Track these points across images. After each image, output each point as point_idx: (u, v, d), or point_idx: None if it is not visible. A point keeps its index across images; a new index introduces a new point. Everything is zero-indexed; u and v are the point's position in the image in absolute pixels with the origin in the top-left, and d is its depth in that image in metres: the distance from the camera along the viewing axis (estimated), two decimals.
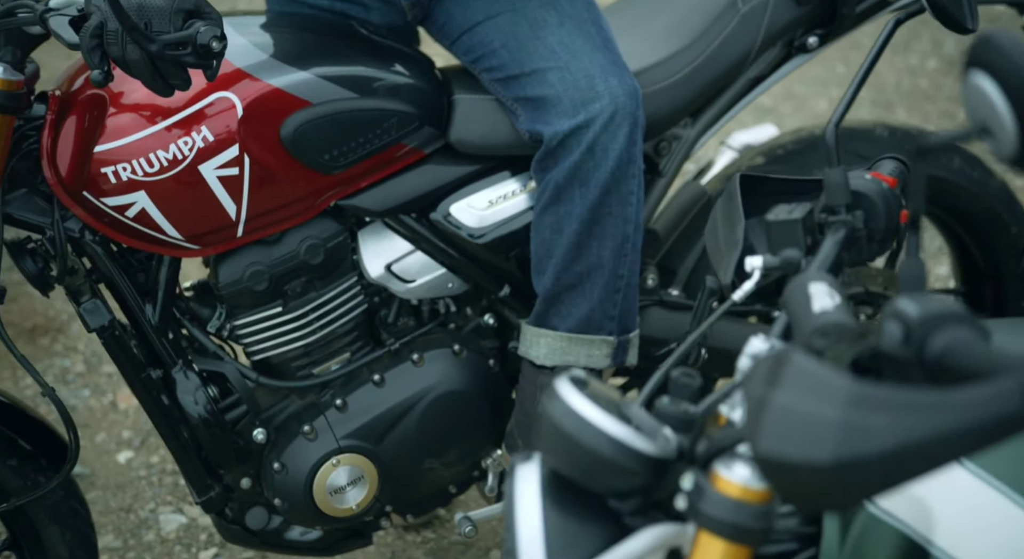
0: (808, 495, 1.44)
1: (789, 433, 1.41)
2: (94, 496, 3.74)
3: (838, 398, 1.39)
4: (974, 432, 1.37)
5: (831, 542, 1.77)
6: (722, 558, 1.62)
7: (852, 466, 1.39)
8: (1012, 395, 1.35)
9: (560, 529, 1.71)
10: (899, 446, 1.38)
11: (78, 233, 2.74)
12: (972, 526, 1.74)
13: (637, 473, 1.67)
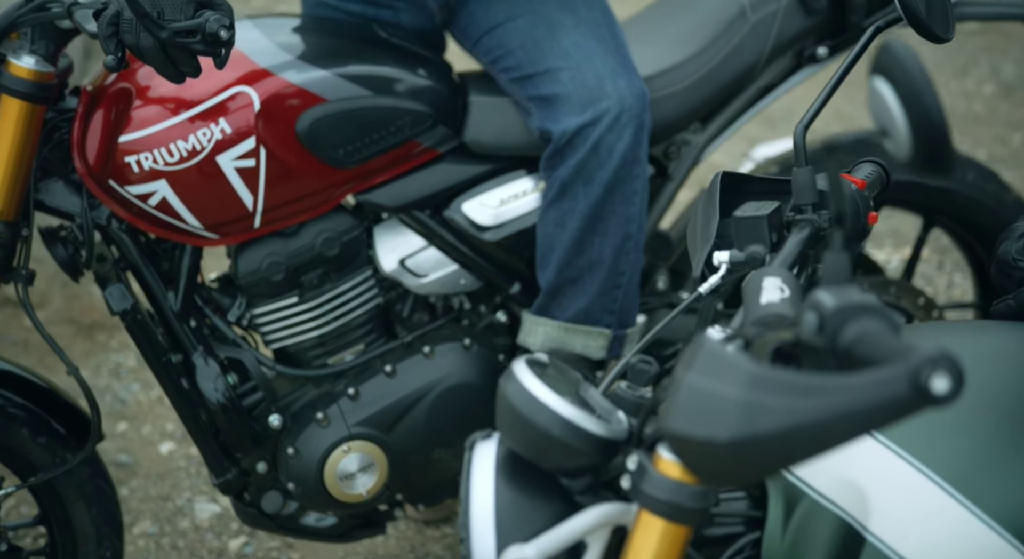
0: (711, 469, 1.50)
1: (695, 412, 1.47)
2: (136, 484, 3.84)
3: (741, 380, 1.45)
4: (862, 414, 1.42)
5: (774, 526, 1.82)
6: (661, 537, 1.67)
7: (749, 443, 1.44)
8: (899, 380, 1.39)
9: (511, 504, 1.78)
10: (793, 426, 1.43)
11: (105, 221, 2.84)
12: (905, 513, 1.78)
13: (586, 453, 1.74)
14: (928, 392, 1.37)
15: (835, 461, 1.76)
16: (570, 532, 1.74)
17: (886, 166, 2.13)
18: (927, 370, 1.37)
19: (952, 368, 1.36)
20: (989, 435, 1.81)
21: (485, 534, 1.77)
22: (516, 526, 1.76)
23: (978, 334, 2.06)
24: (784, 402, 1.43)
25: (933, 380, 1.37)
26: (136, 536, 3.66)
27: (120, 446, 3.97)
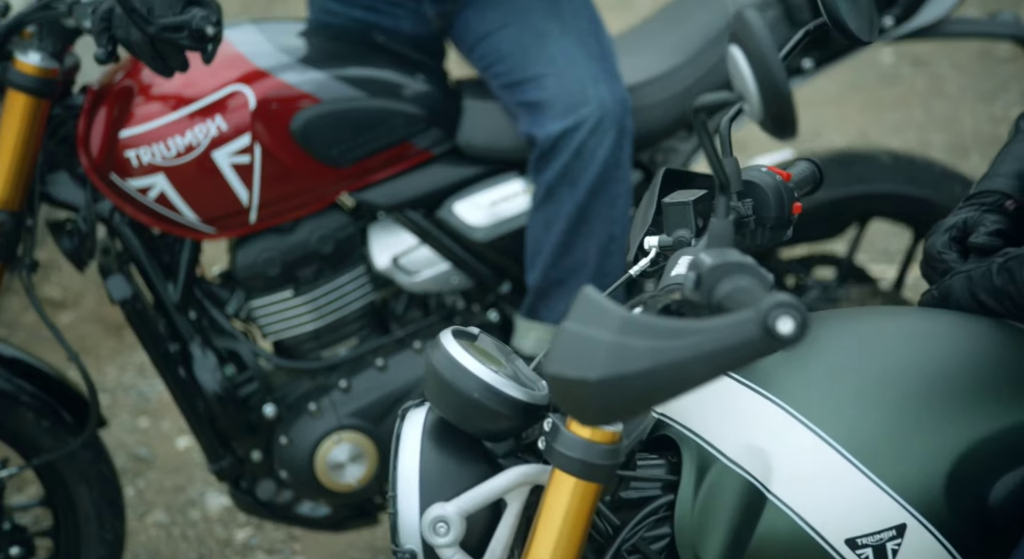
0: (584, 408, 1.58)
1: (570, 354, 1.55)
2: (152, 476, 3.93)
3: (610, 325, 1.53)
4: (718, 354, 1.51)
5: (687, 488, 1.88)
6: (572, 493, 1.76)
7: (617, 382, 1.52)
8: (750, 323, 1.49)
9: (436, 466, 1.85)
10: (656, 365, 1.51)
11: (108, 214, 2.93)
12: (806, 477, 1.85)
13: (506, 416, 1.82)
14: (776, 333, 1.47)
15: (747, 430, 1.87)
16: (489, 491, 1.82)
17: (820, 165, 2.20)
18: (775, 314, 1.46)
19: (797, 313, 1.46)
20: (893, 411, 1.88)
21: (410, 494, 1.84)
22: (439, 486, 1.83)
23: (895, 318, 2.12)
24: (648, 344, 1.52)
25: (780, 323, 1.46)
26: (148, 525, 3.75)
27: (140, 440, 4.06)
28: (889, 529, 1.82)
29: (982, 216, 2.16)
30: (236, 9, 6.20)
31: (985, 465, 1.85)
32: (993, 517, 1.86)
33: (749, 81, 1.61)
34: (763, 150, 4.69)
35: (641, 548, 1.91)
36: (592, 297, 1.57)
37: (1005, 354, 1.98)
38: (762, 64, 1.61)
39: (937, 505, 1.83)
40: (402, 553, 1.84)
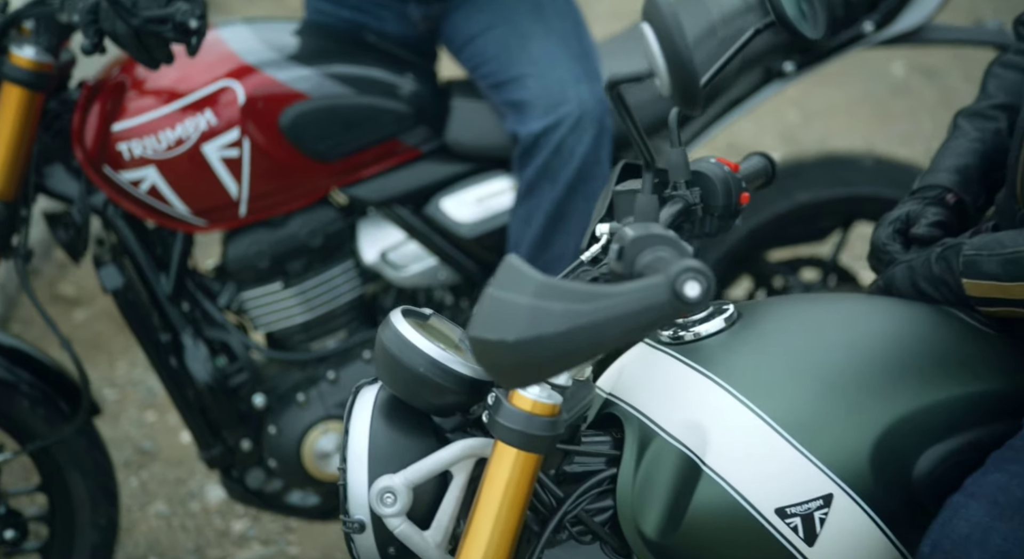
0: (503, 369, 1.63)
1: (491, 317, 1.61)
2: (156, 468, 3.98)
3: (529, 289, 1.59)
4: (630, 316, 1.56)
5: (629, 462, 1.94)
6: (514, 464, 1.80)
7: (534, 343, 1.58)
8: (660, 288, 1.55)
9: (385, 440, 1.90)
10: (571, 327, 1.57)
11: (102, 206, 2.99)
12: (740, 452, 1.91)
13: (452, 391, 1.87)
14: (683, 297, 1.54)
15: (687, 407, 1.93)
16: (435, 463, 1.86)
17: (772, 159, 2.25)
18: (683, 278, 1.53)
19: (702, 278, 1.53)
20: (824, 388, 1.94)
21: (359, 466, 1.89)
22: (388, 459, 1.88)
23: (835, 303, 2.19)
24: (564, 307, 1.57)
25: (687, 287, 1.53)
26: (150, 515, 3.80)
27: (146, 433, 4.12)
28: (816, 499, 1.88)
29: (924, 209, 2.23)
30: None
31: (909, 440, 1.91)
32: (918, 490, 1.92)
33: (658, 57, 1.67)
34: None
35: (584, 519, 1.95)
36: (514, 264, 1.62)
37: (934, 337, 2.05)
38: (669, 41, 1.67)
39: (863, 477, 1.88)
40: (351, 523, 1.89)
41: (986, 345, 2.06)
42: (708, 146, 3.61)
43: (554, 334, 1.58)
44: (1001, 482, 1.86)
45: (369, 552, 1.92)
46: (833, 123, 5.90)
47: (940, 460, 1.93)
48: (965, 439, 1.95)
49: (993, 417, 1.97)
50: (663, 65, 1.68)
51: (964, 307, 2.09)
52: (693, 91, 1.68)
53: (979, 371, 2.02)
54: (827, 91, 6.09)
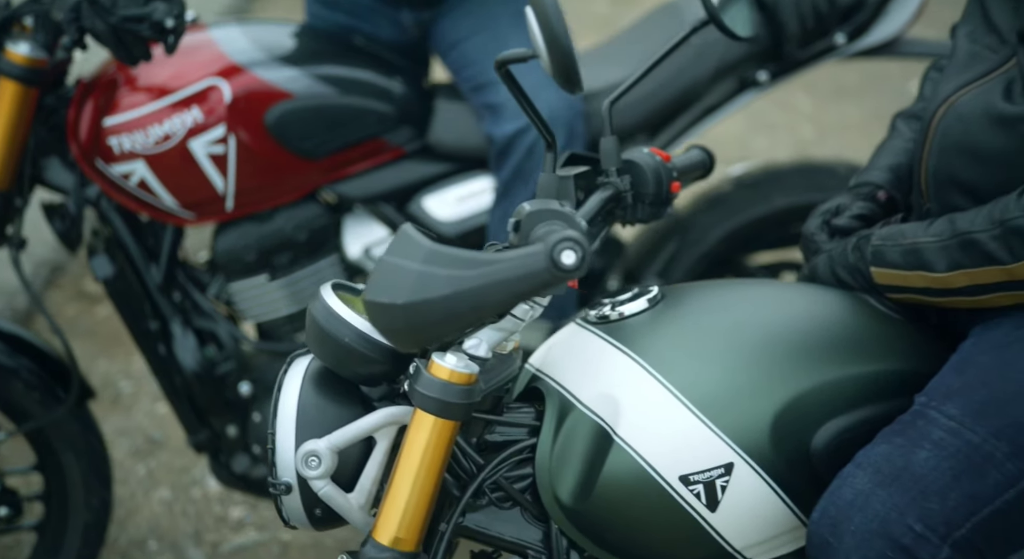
0: (395, 331, 1.70)
1: (383, 282, 1.69)
2: (163, 457, 4.07)
3: (418, 256, 1.67)
4: (510, 282, 1.64)
5: (548, 432, 2.01)
6: (431, 430, 1.87)
7: (420, 306, 1.65)
8: (539, 256, 1.62)
9: (312, 407, 1.97)
10: (455, 292, 1.64)
11: (96, 199, 3.07)
12: (649, 423, 1.99)
13: (377, 361, 1.94)
14: (560, 264, 1.62)
15: (603, 381, 2.01)
16: (359, 429, 1.93)
17: (710, 153, 2.32)
18: (560, 247, 1.60)
19: (578, 248, 1.60)
20: (731, 365, 2.02)
21: (287, 431, 1.95)
22: (315, 425, 1.95)
23: (751, 288, 2.27)
24: (449, 273, 1.66)
25: (563, 255, 1.60)
26: (154, 501, 3.88)
27: (156, 424, 4.20)
28: (718, 467, 1.95)
29: (853, 202, 2.29)
30: None
31: (808, 414, 1.99)
32: (816, 462, 1.99)
33: (539, 39, 1.74)
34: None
35: (503, 485, 2.02)
36: (407, 232, 1.69)
37: (839, 320, 2.13)
38: (547, 26, 1.75)
39: (763, 448, 1.96)
40: (278, 485, 1.96)
41: (889, 329, 2.14)
42: (721, 161, 3.67)
43: (439, 298, 1.66)
44: (885, 453, 1.94)
45: (297, 513, 1.98)
46: (848, 138, 5.93)
47: (837, 434, 2.00)
48: (862, 415, 2.04)
49: (890, 395, 2.05)
50: (544, 47, 1.75)
51: (875, 294, 2.16)
52: (571, 71, 1.75)
53: (880, 352, 2.09)
54: (842, 107, 6.14)
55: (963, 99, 2.09)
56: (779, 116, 6.07)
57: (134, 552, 3.70)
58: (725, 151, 5.43)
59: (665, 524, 1.98)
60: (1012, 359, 2.00)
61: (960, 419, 1.94)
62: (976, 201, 2.06)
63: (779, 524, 2.01)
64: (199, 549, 3.71)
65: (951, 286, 2.04)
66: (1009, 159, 2.02)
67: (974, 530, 1.91)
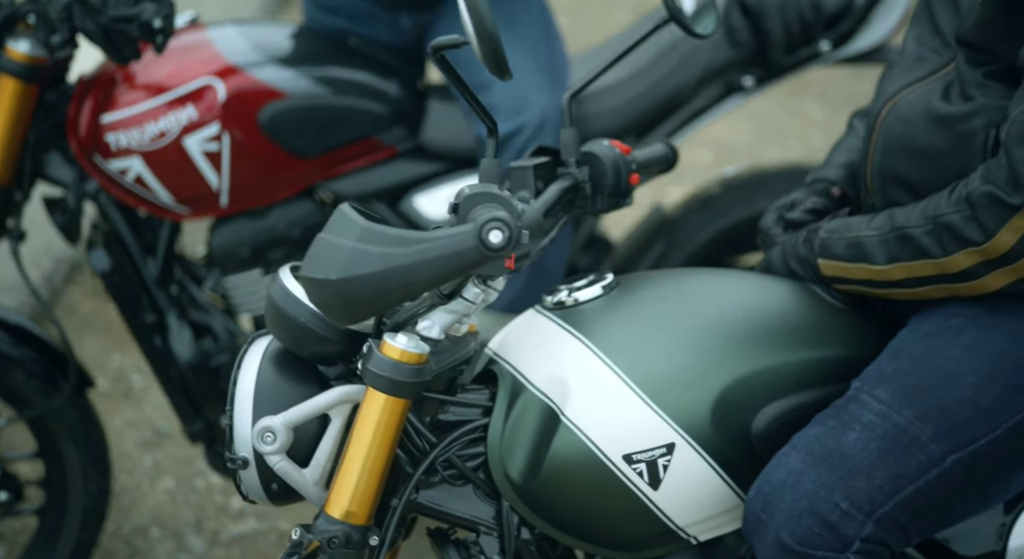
0: (329, 305, 1.77)
1: (319, 258, 1.73)
2: (170, 449, 4.12)
3: (352, 234, 1.71)
4: (440, 260, 1.69)
5: (500, 413, 2.07)
6: (382, 408, 1.92)
7: (353, 282, 1.70)
8: (467, 235, 1.68)
9: (271, 384, 2.02)
10: (386, 268, 1.69)
11: (95, 193, 3.13)
12: (595, 403, 2.05)
13: (331, 341, 1.98)
14: (487, 243, 1.69)
15: (554, 363, 2.06)
16: (314, 407, 1.98)
17: (674, 148, 2.37)
18: (488, 227, 1.65)
19: (505, 228, 1.65)
20: (675, 349, 2.08)
21: (245, 407, 2.00)
22: (271, 401, 2.00)
23: (703, 277, 2.32)
24: (381, 250, 1.72)
25: (491, 235, 1.65)
26: (158, 491, 3.94)
27: (164, 417, 4.25)
28: (660, 447, 2.00)
29: (807, 198, 2.34)
30: None
31: (748, 397, 2.05)
32: (756, 443, 2.04)
33: (468, 27, 1.78)
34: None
35: (455, 463, 2.06)
36: (343, 211, 1.74)
37: (784, 308, 2.18)
38: (476, 15, 1.80)
39: (704, 429, 2.01)
40: (235, 460, 2.01)
41: (833, 317, 2.18)
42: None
43: (371, 274, 1.71)
44: (818, 434, 1.99)
45: (254, 488, 2.03)
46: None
47: (777, 417, 2.05)
48: (802, 399, 2.09)
49: (830, 380, 2.10)
50: (473, 35, 1.79)
51: (823, 285, 2.20)
52: (499, 57, 1.79)
53: (822, 340, 2.14)
54: None
55: (905, 99, 2.14)
56: (791, 124, 6.09)
57: (137, 539, 3.75)
58: (737, 158, 5.47)
59: (610, 501, 2.03)
60: (941, 348, 2.05)
61: (889, 403, 2.00)
62: (916, 197, 2.11)
63: (721, 503, 2.06)
64: (199, 537, 3.76)
65: (890, 279, 2.09)
66: (945, 157, 2.07)
67: (897, 508, 1.97)
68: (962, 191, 1.99)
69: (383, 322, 1.96)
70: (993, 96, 2.02)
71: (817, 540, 1.95)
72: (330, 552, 1.94)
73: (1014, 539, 2.10)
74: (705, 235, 3.50)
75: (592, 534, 2.07)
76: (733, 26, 3.36)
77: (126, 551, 3.72)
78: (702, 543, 2.11)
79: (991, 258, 1.98)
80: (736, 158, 5.60)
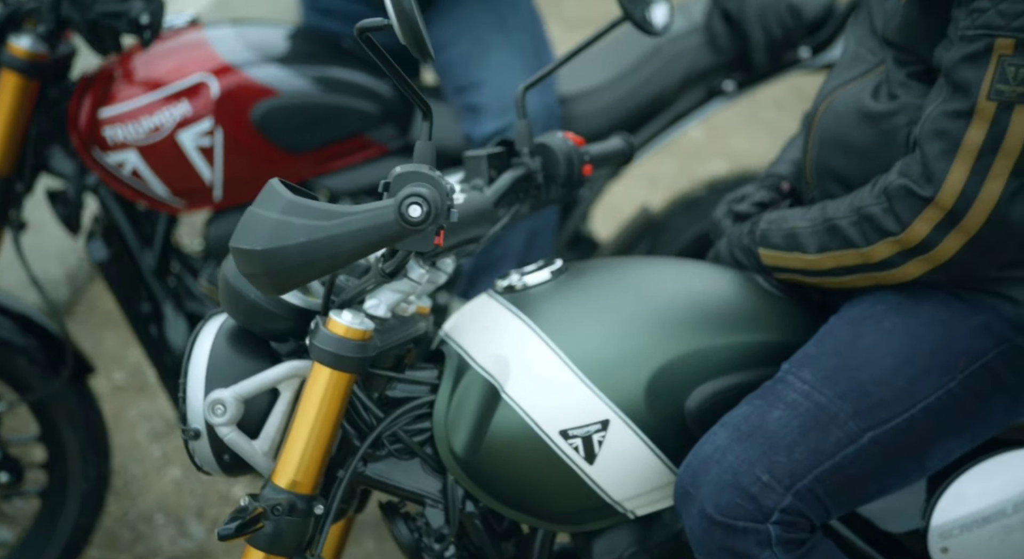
0: (255, 276, 1.81)
1: (247, 230, 1.77)
2: (178, 440, 4.14)
3: (278, 206, 1.75)
4: (359, 233, 1.73)
5: (445, 390, 2.11)
6: (327, 382, 1.97)
7: (278, 252, 1.74)
8: (388, 209, 1.72)
9: (223, 359, 2.06)
10: (309, 240, 1.73)
11: (94, 186, 3.18)
12: (534, 381, 2.09)
13: (280, 317, 2.03)
14: (407, 217, 1.74)
15: (498, 343, 2.11)
16: (263, 380, 2.02)
17: (631, 142, 2.40)
18: (407, 201, 1.69)
19: (425, 202, 1.68)
20: (613, 331, 2.13)
21: (198, 381, 2.05)
22: (223, 376, 2.04)
23: (646, 264, 2.37)
24: (305, 222, 1.76)
25: (410, 209, 1.69)
26: (165, 480, 4.00)
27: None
28: (595, 423, 2.03)
29: (757, 191, 2.37)
30: None
31: (682, 377, 2.09)
32: (690, 422, 2.06)
33: (391, 11, 1.82)
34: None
35: (401, 437, 2.10)
36: (271, 185, 1.78)
37: (721, 295, 2.23)
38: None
39: (638, 406, 2.06)
40: (188, 431, 2.05)
41: (769, 304, 2.23)
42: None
43: (294, 245, 1.74)
44: (745, 413, 2.04)
45: (207, 459, 2.07)
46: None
47: (710, 396, 2.09)
48: (735, 380, 2.13)
49: (763, 363, 2.16)
50: (395, 18, 1.83)
51: (765, 274, 2.24)
52: (419, 40, 1.82)
53: (757, 325, 2.18)
54: None
55: (840, 97, 2.20)
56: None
57: (141, 525, 3.80)
58: (750, 165, 5.47)
59: (548, 475, 2.06)
60: (863, 333, 2.11)
61: (812, 383, 2.06)
62: (850, 190, 2.18)
63: (656, 478, 2.09)
64: (200, 524, 3.81)
65: (821, 267, 2.15)
66: (873, 153, 2.14)
67: (816, 481, 2.02)
68: (882, 184, 2.07)
69: (331, 300, 1.99)
70: (914, 95, 2.09)
71: (739, 511, 2.00)
72: (274, 519, 1.98)
73: (936, 517, 2.16)
74: (689, 235, 3.53)
75: (532, 507, 2.10)
76: (715, 32, 3.39)
77: (130, 536, 3.77)
78: (640, 518, 2.14)
79: (907, 248, 2.05)
80: (749, 165, 5.61)
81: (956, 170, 1.97)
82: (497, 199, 2.18)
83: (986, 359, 2.08)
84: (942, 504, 2.14)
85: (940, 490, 2.16)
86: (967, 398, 2.07)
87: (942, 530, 2.14)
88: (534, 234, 3.20)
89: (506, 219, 2.27)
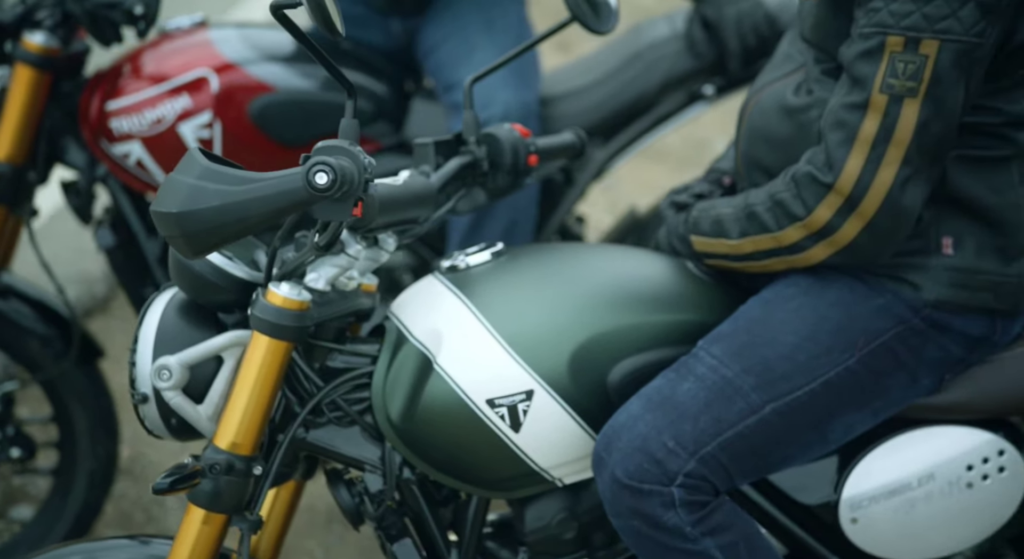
0: (173, 238, 1.87)
1: (165, 195, 1.81)
2: None
3: (194, 172, 1.80)
4: (269, 198, 1.79)
5: (384, 362, 2.17)
6: (266, 350, 2.03)
7: (192, 215, 1.79)
8: (296, 176, 1.76)
9: (172, 327, 2.12)
10: (222, 204, 1.78)
11: (104, 177, 3.25)
12: (464, 353, 2.15)
13: (224, 289, 2.09)
14: (313, 184, 1.80)
15: (435, 318, 2.16)
16: (207, 348, 2.07)
17: (583, 136, 2.44)
18: (314, 169, 1.73)
19: (330, 170, 1.72)
20: (541, 307, 2.19)
21: (146, 348, 2.10)
22: (171, 343, 2.10)
23: (582, 250, 2.45)
24: (217, 187, 1.81)
25: (317, 176, 1.73)
26: None
27: None
28: (520, 393, 2.09)
29: (698, 184, 2.43)
30: None
31: (605, 352, 2.15)
32: (612, 394, 2.14)
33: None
34: None
35: (340, 405, 2.15)
36: (191, 152, 1.83)
37: (648, 277, 2.29)
38: None
39: (562, 378, 2.11)
40: (137, 395, 2.10)
41: (693, 287, 2.30)
42: None
43: (207, 209, 1.80)
44: (659, 385, 2.11)
45: (155, 422, 2.13)
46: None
47: (632, 371, 2.15)
48: (656, 356, 2.19)
49: (683, 341, 2.21)
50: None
51: (697, 260, 2.29)
52: (327, 17, 1.85)
53: (679, 305, 2.24)
54: None
55: (767, 93, 2.28)
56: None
57: (154, 508, 3.86)
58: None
59: (477, 443, 2.11)
60: (773, 312, 2.18)
61: (720, 358, 2.12)
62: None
63: (580, 448, 2.14)
64: None
65: (742, 252, 2.21)
66: (791, 145, 2.20)
67: (719, 448, 2.08)
68: (792, 171, 2.14)
69: (272, 272, 2.04)
70: (827, 90, 2.16)
71: (646, 475, 2.06)
72: (212, 477, 2.03)
73: (847, 489, 2.19)
74: None
75: (464, 473, 2.15)
76: (694, 38, 3.44)
77: (142, 517, 3.82)
78: (569, 486, 2.18)
79: (812, 232, 2.11)
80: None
81: (853, 158, 2.04)
82: (442, 185, 2.22)
83: (884, 338, 2.13)
84: (852, 478, 2.18)
85: (851, 465, 2.19)
86: (865, 375, 2.13)
87: (852, 502, 2.18)
88: (513, 224, 3.25)
89: (451, 204, 2.31)
